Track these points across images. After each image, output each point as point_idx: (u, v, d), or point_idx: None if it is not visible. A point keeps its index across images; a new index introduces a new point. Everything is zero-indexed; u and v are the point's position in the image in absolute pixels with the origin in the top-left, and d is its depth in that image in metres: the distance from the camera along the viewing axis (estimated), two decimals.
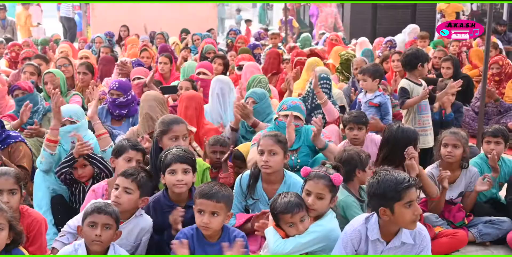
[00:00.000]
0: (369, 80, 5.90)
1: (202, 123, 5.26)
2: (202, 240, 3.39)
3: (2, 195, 3.59)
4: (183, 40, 12.58)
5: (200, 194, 3.33)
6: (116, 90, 5.73)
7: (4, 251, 3.15)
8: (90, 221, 3.25)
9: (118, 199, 3.57)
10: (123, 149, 4.06)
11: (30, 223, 3.67)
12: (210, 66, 6.98)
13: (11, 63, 9.86)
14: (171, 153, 3.76)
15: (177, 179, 3.68)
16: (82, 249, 3.30)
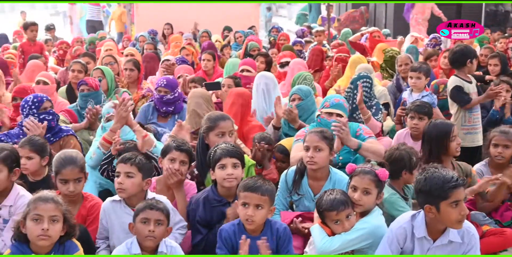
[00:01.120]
0: (423, 78, 5.85)
1: (246, 120, 5.30)
2: (244, 234, 3.41)
3: (68, 184, 3.75)
4: (225, 37, 12.67)
5: (245, 187, 3.38)
6: (164, 87, 5.81)
7: (58, 243, 3.24)
8: (143, 217, 3.33)
9: (121, 185, 3.67)
10: (168, 150, 4.10)
11: (92, 206, 3.90)
12: (254, 63, 7.02)
13: (59, 61, 10.10)
14: (220, 148, 3.80)
15: (227, 173, 3.72)
16: (134, 246, 3.38)
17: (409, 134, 5.09)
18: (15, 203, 3.74)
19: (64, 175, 3.79)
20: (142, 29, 13.14)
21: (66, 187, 3.77)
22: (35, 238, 3.14)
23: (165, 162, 4.07)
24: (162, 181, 4.14)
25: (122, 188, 3.68)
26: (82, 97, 5.92)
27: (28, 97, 4.96)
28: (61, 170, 3.79)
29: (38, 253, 3.20)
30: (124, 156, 3.77)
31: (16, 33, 13.70)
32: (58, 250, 3.25)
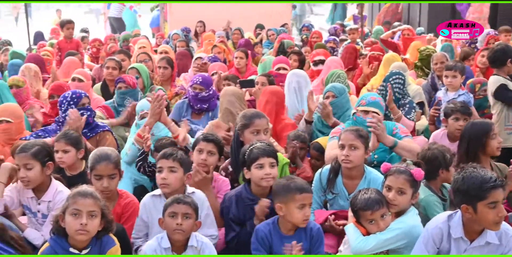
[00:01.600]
0: (459, 76, 5.77)
1: (280, 119, 5.30)
2: (279, 234, 3.44)
3: (102, 180, 3.82)
4: (258, 35, 12.67)
5: (300, 189, 3.38)
6: (200, 85, 5.85)
7: (95, 238, 3.29)
8: (170, 211, 3.37)
9: (165, 180, 3.69)
10: (197, 141, 4.15)
11: (127, 203, 3.96)
12: (288, 61, 7.02)
13: (92, 58, 10.22)
14: (256, 147, 3.80)
15: (265, 173, 3.72)
16: (164, 240, 3.41)
17: (446, 134, 5.01)
18: (53, 198, 3.81)
19: (98, 171, 3.86)
20: (175, 27, 13.20)
21: (100, 183, 3.84)
22: (73, 232, 3.19)
23: (194, 153, 4.12)
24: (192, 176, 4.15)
25: (166, 183, 3.71)
26: (120, 94, 6.00)
27: (67, 93, 5.06)
28: (95, 166, 3.87)
29: (76, 247, 3.25)
30: (165, 151, 3.80)
31: (53, 31, 13.92)
32: (95, 244, 3.29)
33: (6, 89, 5.84)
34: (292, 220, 3.39)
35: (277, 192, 3.44)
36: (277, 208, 3.41)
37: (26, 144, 3.89)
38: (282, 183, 3.44)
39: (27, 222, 3.98)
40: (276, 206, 3.42)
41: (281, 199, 3.40)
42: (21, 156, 3.79)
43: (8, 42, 10.68)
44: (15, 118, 5.10)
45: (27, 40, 11.03)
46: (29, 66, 7.04)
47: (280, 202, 3.40)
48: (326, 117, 5.16)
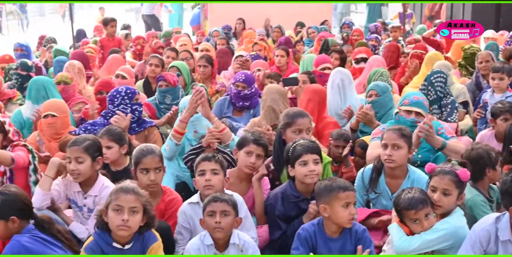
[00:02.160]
0: (506, 78, 5.67)
1: (322, 117, 5.28)
2: (324, 236, 3.41)
3: (149, 173, 3.85)
4: (298, 33, 12.63)
5: (344, 188, 3.36)
6: (242, 83, 5.87)
7: (138, 233, 3.33)
8: (209, 210, 3.39)
9: (209, 181, 3.71)
10: (246, 142, 4.13)
11: (171, 200, 3.98)
12: (329, 59, 6.99)
13: (135, 56, 10.32)
14: (299, 144, 3.80)
15: (309, 169, 3.72)
16: (207, 238, 3.43)
17: (493, 135, 4.92)
18: (99, 193, 3.87)
19: (145, 164, 3.89)
20: (215, 24, 13.27)
21: (147, 177, 3.87)
22: (115, 228, 3.23)
23: (242, 154, 4.11)
24: (235, 174, 4.18)
25: (210, 185, 3.72)
26: (160, 92, 6.05)
27: (120, 88, 5.14)
28: (141, 160, 3.90)
29: (119, 242, 3.29)
30: (206, 155, 3.83)
31: (96, 29, 14.13)
32: (138, 240, 3.33)
33: (51, 85, 5.95)
34: (337, 220, 3.35)
35: (320, 193, 3.42)
36: (321, 210, 3.38)
37: (78, 138, 3.95)
38: (323, 184, 3.43)
39: (72, 216, 4.05)
40: (320, 207, 3.39)
41: (324, 199, 3.37)
42: (73, 149, 3.85)
43: (53, 39, 10.89)
44: (60, 112, 5.19)
45: (71, 37, 11.22)
46: (73, 63, 7.17)
47: (323, 203, 3.37)
48: (369, 122, 5.10)
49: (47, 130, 5.17)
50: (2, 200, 3.33)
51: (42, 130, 5.21)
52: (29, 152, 4.28)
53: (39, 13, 30.60)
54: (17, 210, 3.34)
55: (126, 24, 14.19)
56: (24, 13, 25.12)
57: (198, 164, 3.81)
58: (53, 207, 3.92)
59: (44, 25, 25.07)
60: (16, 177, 4.22)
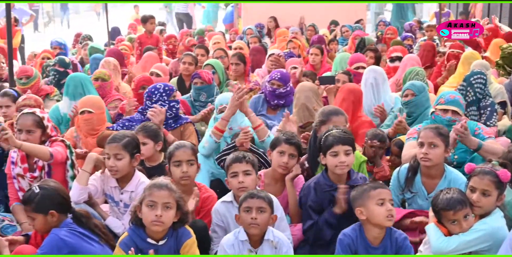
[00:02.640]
0: None
1: (357, 116, 5.25)
2: (365, 242, 3.38)
3: (181, 166, 3.88)
4: (332, 32, 12.57)
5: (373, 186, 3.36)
6: (278, 81, 5.86)
7: (172, 229, 3.35)
8: (245, 206, 3.39)
9: (243, 183, 3.71)
10: (278, 142, 4.12)
11: (206, 198, 3.99)
12: (364, 58, 6.95)
13: (168, 55, 10.39)
14: (331, 134, 3.78)
15: (340, 161, 3.71)
16: (242, 233, 3.44)
17: None
18: (136, 189, 3.90)
19: (177, 156, 3.91)
20: (248, 23, 13.29)
21: (180, 169, 3.88)
22: (149, 223, 3.26)
23: (275, 155, 4.10)
24: (269, 175, 4.18)
25: (244, 186, 3.73)
26: (196, 90, 6.08)
27: (158, 85, 5.20)
28: (174, 153, 3.94)
29: (153, 238, 3.31)
30: (237, 155, 3.82)
31: (130, 26, 14.28)
32: (172, 235, 3.35)
33: (88, 82, 6.03)
34: (375, 219, 3.31)
35: (354, 198, 3.41)
36: (358, 213, 3.35)
37: (117, 135, 3.98)
38: (355, 190, 3.43)
39: (109, 210, 4.10)
40: (356, 211, 3.36)
41: (358, 202, 3.36)
42: (112, 146, 3.89)
43: (89, 36, 11.03)
44: (96, 109, 5.25)
45: (106, 35, 11.34)
46: (109, 60, 7.24)
47: (358, 206, 3.35)
48: (404, 130, 4.98)
49: (83, 126, 5.24)
50: (41, 195, 3.39)
51: (79, 126, 5.28)
52: (67, 148, 4.33)
53: (75, 11, 31.05)
54: (55, 204, 3.40)
55: (161, 22, 14.30)
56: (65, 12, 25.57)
57: (229, 165, 3.82)
58: (90, 201, 3.98)
59: (80, 23, 25.41)
60: (54, 172, 4.27)
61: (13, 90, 5.68)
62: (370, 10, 19.36)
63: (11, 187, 4.35)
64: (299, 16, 13.59)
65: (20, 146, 4.00)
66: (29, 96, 5.42)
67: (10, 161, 4.34)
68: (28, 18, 14.15)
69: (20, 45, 11.89)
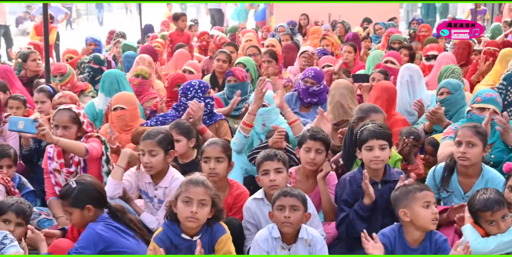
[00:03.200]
0: None
1: (390, 114, 5.19)
2: (403, 244, 3.34)
3: (209, 162, 3.91)
4: (365, 29, 12.47)
5: (418, 188, 3.31)
6: (311, 79, 5.84)
7: (206, 225, 3.35)
8: (278, 204, 3.38)
9: (274, 181, 3.72)
10: (303, 139, 4.11)
11: (238, 194, 4.02)
12: (399, 55, 6.88)
13: (201, 51, 10.43)
14: (367, 128, 3.76)
15: (374, 155, 3.69)
16: (275, 230, 3.43)
17: None
18: (170, 185, 3.93)
19: (206, 153, 3.96)
20: (281, 20, 13.26)
21: (208, 165, 3.92)
22: (184, 219, 3.27)
23: (302, 152, 4.09)
24: (300, 172, 4.17)
25: (275, 184, 3.73)
26: (229, 87, 6.09)
27: (194, 82, 5.22)
28: (205, 149, 3.99)
29: (188, 233, 3.32)
30: (268, 153, 3.82)
31: (163, 23, 14.36)
32: (206, 231, 3.36)
33: (124, 78, 6.08)
34: (420, 222, 3.26)
35: (397, 199, 3.36)
36: (401, 215, 3.30)
37: (151, 131, 4.01)
38: (399, 190, 3.38)
39: (143, 206, 4.14)
40: (400, 213, 3.31)
41: (402, 204, 3.30)
42: (147, 143, 3.92)
43: (122, 34, 11.13)
44: (129, 105, 5.30)
45: (139, 32, 11.43)
46: (143, 57, 7.30)
47: (402, 207, 3.30)
48: (439, 121, 4.96)
49: (116, 122, 5.29)
50: (78, 189, 3.44)
51: (112, 122, 5.33)
52: (102, 143, 4.37)
53: (107, 8, 31.42)
54: (92, 199, 3.45)
55: (194, 19, 14.35)
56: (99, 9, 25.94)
57: (260, 163, 3.82)
58: (124, 197, 4.02)
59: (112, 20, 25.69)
60: (89, 167, 4.31)
61: (49, 86, 5.76)
62: (403, 8, 19.18)
63: (48, 181, 4.41)
64: (331, 13, 13.50)
65: (56, 142, 4.05)
66: (65, 94, 5.48)
67: (47, 156, 4.40)
68: (63, 16, 14.35)
69: (55, 42, 12.05)
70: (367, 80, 6.07)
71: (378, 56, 7.35)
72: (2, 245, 3.23)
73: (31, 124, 3.97)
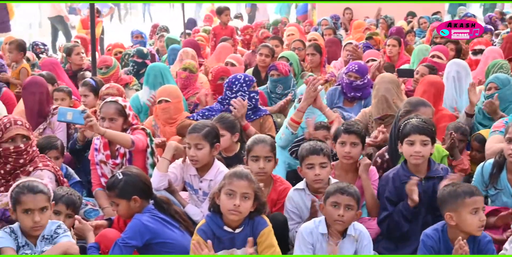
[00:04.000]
0: None
1: (437, 109, 5.11)
2: (447, 244, 3.28)
3: (259, 161, 3.93)
4: (409, 23, 12.30)
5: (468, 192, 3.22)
6: (355, 73, 5.80)
7: (248, 218, 3.34)
8: (333, 201, 3.34)
9: (319, 176, 3.72)
10: (338, 133, 4.09)
11: (282, 190, 4.01)
12: (446, 50, 6.75)
13: (244, 45, 10.45)
14: (410, 123, 3.72)
15: (415, 150, 3.64)
16: (322, 225, 3.41)
17: None
18: (215, 177, 3.95)
19: (255, 152, 3.95)
20: (323, 14, 13.18)
21: (257, 164, 3.92)
22: (226, 211, 3.27)
23: (337, 146, 4.07)
24: (339, 166, 4.14)
25: (320, 179, 3.74)
26: (272, 82, 6.06)
27: (239, 75, 5.22)
28: (253, 147, 3.97)
29: (230, 226, 3.32)
30: (314, 147, 3.79)
31: (205, 18, 14.44)
32: (248, 224, 3.35)
33: (168, 72, 6.13)
34: (466, 228, 3.20)
35: (444, 200, 3.28)
36: (447, 218, 3.24)
37: (197, 124, 4.04)
38: (447, 190, 3.29)
39: (187, 198, 4.17)
40: (446, 215, 3.25)
41: (450, 207, 3.23)
42: (193, 136, 3.95)
43: (166, 28, 11.22)
44: (173, 98, 5.33)
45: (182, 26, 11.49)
46: (187, 50, 7.35)
47: (449, 210, 3.23)
48: (493, 113, 4.88)
49: (161, 115, 5.33)
50: (124, 181, 3.49)
51: (157, 115, 5.38)
52: (147, 136, 4.41)
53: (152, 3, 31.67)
54: (138, 190, 3.50)
55: (238, 13, 14.37)
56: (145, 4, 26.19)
57: (305, 156, 3.80)
58: (170, 189, 4.06)
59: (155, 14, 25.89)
60: (134, 159, 4.35)
61: (92, 80, 5.84)
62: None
63: (94, 173, 4.47)
64: (375, 8, 13.34)
65: (103, 133, 4.11)
66: (112, 85, 5.54)
67: (93, 148, 4.47)
68: (107, 10, 14.56)
69: (100, 36, 12.25)
70: (412, 75, 5.98)
71: (423, 50, 7.24)
72: (55, 234, 3.29)
73: (79, 115, 4.02)
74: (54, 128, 5.18)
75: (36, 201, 3.19)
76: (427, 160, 3.74)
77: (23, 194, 3.19)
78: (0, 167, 3.85)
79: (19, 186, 3.24)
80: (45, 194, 3.24)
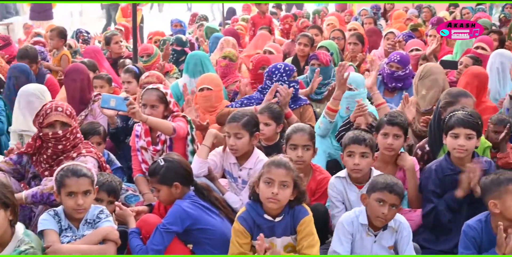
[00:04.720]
0: None
1: (480, 101, 5.01)
2: (491, 235, 3.23)
3: (297, 150, 3.92)
4: (451, 13, 12.07)
5: None
6: (397, 63, 5.75)
7: (288, 207, 3.34)
8: (380, 197, 3.31)
9: (358, 165, 3.70)
10: (380, 125, 4.05)
11: (322, 179, 4.00)
12: (491, 41, 6.63)
13: (283, 34, 10.42)
14: (455, 115, 3.67)
15: (459, 144, 3.61)
16: (363, 216, 3.39)
17: None
18: (254, 166, 3.96)
19: (293, 140, 3.94)
20: (362, 4, 13.05)
21: (295, 153, 3.91)
22: (265, 199, 3.27)
23: (379, 137, 4.02)
24: (379, 158, 4.10)
25: (358, 169, 3.72)
26: (312, 71, 6.02)
27: (279, 65, 5.22)
28: (291, 136, 3.97)
29: (270, 214, 3.32)
30: (358, 136, 3.76)
31: (244, 7, 14.42)
32: (288, 213, 3.34)
33: (207, 60, 6.15)
34: (511, 216, 3.14)
35: (487, 188, 3.23)
36: (491, 206, 3.19)
37: (236, 114, 4.05)
38: (490, 178, 3.24)
39: (227, 186, 4.19)
40: (490, 203, 3.19)
41: (493, 194, 3.18)
42: (233, 125, 3.96)
43: (205, 17, 11.26)
44: (214, 86, 5.35)
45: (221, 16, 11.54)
46: (228, 39, 7.36)
47: (492, 198, 3.18)
48: None
49: (202, 102, 5.36)
50: (166, 167, 3.52)
51: (198, 103, 5.40)
52: (188, 123, 4.44)
53: None
54: (179, 177, 3.52)
55: None
56: None
57: (348, 144, 3.78)
58: (209, 176, 4.08)
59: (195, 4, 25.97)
60: (175, 146, 4.37)
61: (135, 67, 5.89)
62: None
63: (135, 159, 4.51)
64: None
65: (145, 120, 4.13)
66: (152, 73, 5.57)
67: (135, 134, 4.52)
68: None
69: (139, 24, 12.35)
70: (455, 67, 5.87)
71: (466, 41, 7.09)
72: (98, 219, 3.34)
73: (122, 102, 4.06)
74: (96, 115, 5.24)
75: (79, 185, 3.25)
76: (471, 153, 3.68)
77: (67, 177, 3.25)
78: (43, 152, 3.92)
79: (63, 169, 3.31)
80: (88, 178, 3.30)
